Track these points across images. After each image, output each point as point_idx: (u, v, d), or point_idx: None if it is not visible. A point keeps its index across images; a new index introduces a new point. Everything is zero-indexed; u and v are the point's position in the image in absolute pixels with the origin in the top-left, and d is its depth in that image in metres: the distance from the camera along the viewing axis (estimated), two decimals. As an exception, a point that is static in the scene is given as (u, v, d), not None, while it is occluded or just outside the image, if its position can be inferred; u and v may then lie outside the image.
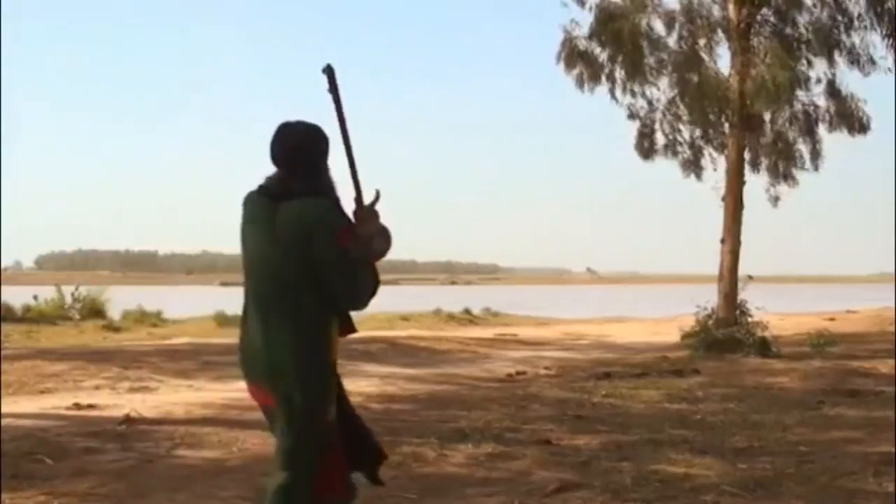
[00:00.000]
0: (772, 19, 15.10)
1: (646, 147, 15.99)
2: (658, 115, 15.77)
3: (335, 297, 3.24)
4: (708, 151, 15.95)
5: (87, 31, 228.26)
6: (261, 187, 3.32)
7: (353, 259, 3.20)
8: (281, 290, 3.24)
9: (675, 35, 15.40)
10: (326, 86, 3.28)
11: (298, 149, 3.25)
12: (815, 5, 14.84)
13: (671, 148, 15.92)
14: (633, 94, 15.65)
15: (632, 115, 15.87)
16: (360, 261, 3.22)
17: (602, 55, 15.37)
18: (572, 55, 15.35)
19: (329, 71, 3.28)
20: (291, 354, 3.22)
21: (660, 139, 15.93)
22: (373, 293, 3.32)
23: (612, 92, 15.60)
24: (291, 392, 3.21)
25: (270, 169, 3.31)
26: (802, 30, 14.94)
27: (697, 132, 15.90)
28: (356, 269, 3.21)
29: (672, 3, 15.40)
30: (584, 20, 15.33)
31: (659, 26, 15.32)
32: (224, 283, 72.41)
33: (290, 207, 3.19)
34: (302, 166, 3.25)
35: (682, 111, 15.46)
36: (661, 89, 15.59)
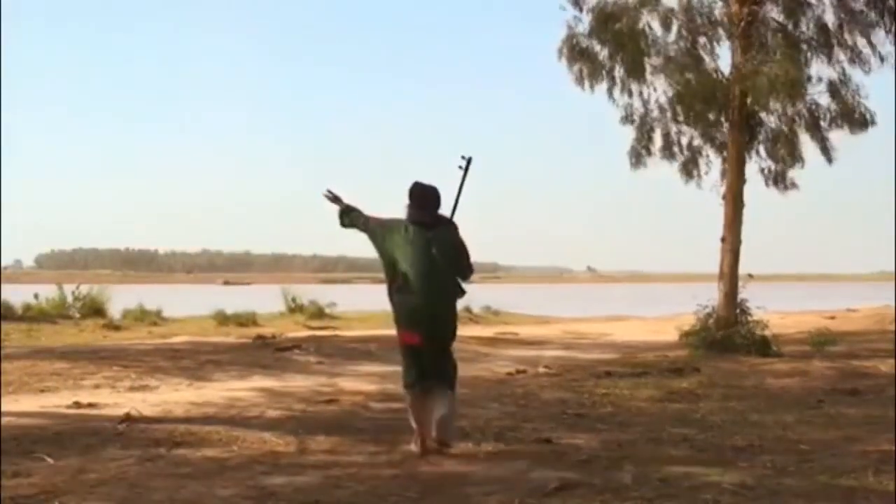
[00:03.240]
0: (774, 16, 15.08)
1: (639, 151, 15.87)
2: (656, 115, 15.70)
3: (462, 274, 5.97)
4: (706, 152, 15.91)
5: (87, 30, 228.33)
6: (413, 221, 5.86)
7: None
8: (439, 277, 5.81)
9: (675, 34, 15.37)
10: (462, 169, 6.09)
11: (437, 201, 5.96)
12: (817, 3, 14.83)
13: (668, 150, 15.82)
14: (630, 94, 15.59)
15: (627, 117, 15.75)
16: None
17: (602, 53, 15.36)
18: (573, 51, 15.34)
19: (467, 162, 6.09)
20: (448, 309, 5.95)
21: (657, 141, 15.83)
22: (472, 272, 6.14)
23: (609, 91, 15.56)
24: (448, 329, 5.95)
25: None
26: (804, 27, 14.93)
27: (696, 133, 15.84)
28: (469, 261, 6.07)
29: (671, 1, 15.39)
30: (583, 18, 15.32)
31: (658, 24, 15.29)
32: (227, 283, 72.55)
33: (442, 231, 5.90)
34: (437, 209, 5.94)
35: (681, 111, 15.39)
36: (662, 88, 15.55)
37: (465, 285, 5.98)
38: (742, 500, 4.69)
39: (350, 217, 6.14)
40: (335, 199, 6.22)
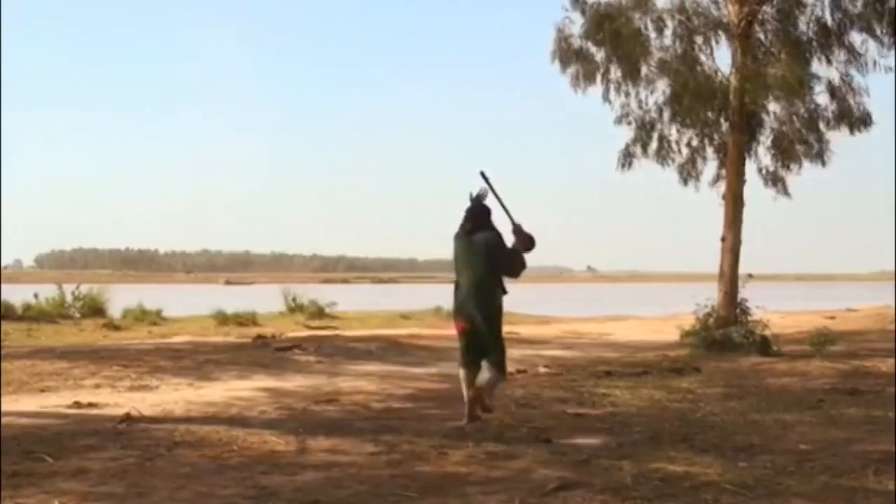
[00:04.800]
0: (773, 17, 15.08)
1: (631, 153, 15.83)
2: (653, 116, 15.68)
3: (504, 271, 7.04)
4: (703, 154, 15.90)
5: (86, 29, 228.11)
6: (460, 230, 7.07)
7: (518, 252, 7.10)
8: (481, 272, 6.91)
9: (673, 34, 15.36)
10: (488, 183, 7.06)
11: (477, 212, 7.05)
12: (815, 3, 14.83)
13: (665, 151, 15.78)
14: (627, 95, 15.56)
15: (623, 117, 15.71)
16: (520, 253, 7.12)
17: (598, 54, 15.34)
18: (567, 54, 15.32)
19: (483, 176, 7.07)
20: (485, 302, 6.93)
21: (654, 142, 15.78)
22: (524, 269, 7.18)
23: (605, 93, 15.53)
24: (492, 317, 6.95)
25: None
26: (803, 27, 14.93)
27: (694, 133, 15.82)
28: (518, 258, 7.11)
29: (670, 2, 15.38)
30: (577, 19, 15.32)
31: (655, 25, 15.28)
32: (228, 282, 72.44)
33: (480, 236, 6.98)
34: (478, 219, 7.04)
35: (678, 111, 15.37)
36: (661, 89, 15.54)
37: (508, 283, 7.11)
38: (742, 500, 4.69)
39: None
40: None
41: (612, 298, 39.91)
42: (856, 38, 14.66)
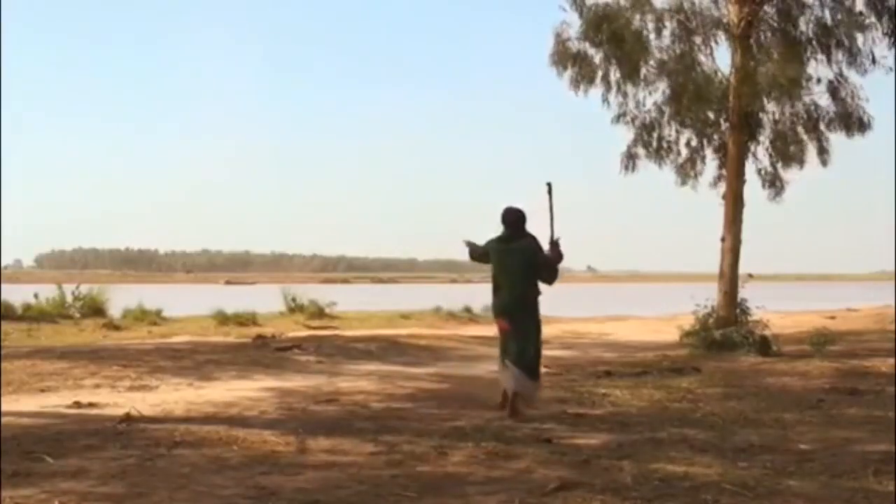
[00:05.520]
0: (772, 17, 15.08)
1: (634, 154, 15.84)
2: (653, 116, 15.67)
3: (541, 279, 7.64)
4: (702, 154, 15.90)
5: (86, 29, 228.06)
6: (501, 237, 7.71)
7: (553, 261, 7.67)
8: (519, 277, 7.60)
9: (672, 35, 15.36)
10: (550, 196, 7.64)
11: (517, 220, 7.69)
12: (815, 3, 14.83)
13: (665, 151, 15.78)
14: (626, 95, 15.55)
15: (621, 116, 15.71)
16: (555, 264, 7.70)
17: (597, 56, 15.33)
18: (565, 56, 15.31)
19: (549, 189, 7.65)
20: (525, 302, 7.63)
21: (654, 143, 15.78)
22: (556, 279, 7.77)
23: (604, 96, 15.52)
24: (529, 318, 7.62)
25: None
26: (803, 27, 14.93)
27: (693, 134, 15.82)
28: (554, 268, 7.71)
29: (668, 2, 15.37)
30: (574, 21, 15.31)
31: (654, 25, 15.27)
32: (229, 282, 72.45)
33: (520, 243, 7.65)
34: (519, 227, 7.68)
35: (678, 112, 15.37)
36: (661, 89, 15.53)
37: (543, 286, 7.70)
38: (742, 500, 4.69)
39: (476, 252, 7.99)
40: (469, 244, 8.07)
41: (612, 298, 39.89)
42: (855, 38, 14.66)
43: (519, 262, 7.55)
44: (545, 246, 7.67)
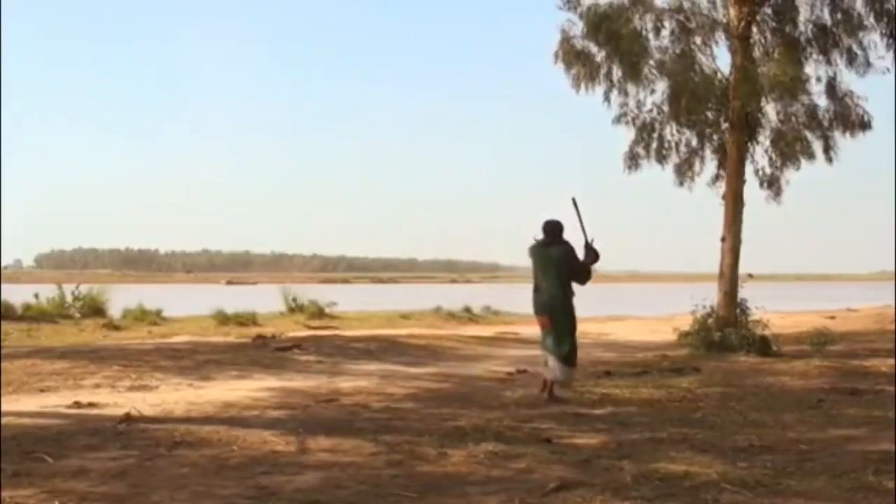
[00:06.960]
0: (772, 18, 15.07)
1: (636, 154, 15.83)
2: (654, 115, 15.66)
3: (575, 280, 8.66)
4: (701, 154, 15.89)
5: (87, 29, 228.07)
6: (540, 242, 8.66)
7: (588, 264, 8.72)
8: (556, 279, 8.58)
9: (672, 35, 15.35)
10: (576, 208, 8.62)
11: (555, 228, 8.65)
12: (814, 4, 14.83)
13: (665, 151, 15.76)
14: (627, 95, 15.55)
15: (622, 116, 15.70)
16: (592, 263, 8.73)
17: (599, 55, 15.33)
18: (569, 55, 15.31)
19: (574, 203, 8.63)
20: (562, 301, 8.62)
21: (654, 143, 15.77)
22: (590, 279, 8.81)
23: (606, 94, 15.52)
24: (566, 315, 8.63)
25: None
26: (802, 28, 14.93)
27: (693, 134, 15.80)
28: (589, 269, 8.74)
29: (668, 3, 15.37)
30: (577, 19, 15.32)
31: (653, 25, 15.27)
32: (230, 282, 72.45)
33: (556, 248, 8.61)
34: (555, 234, 8.63)
35: (678, 111, 15.35)
36: (661, 89, 15.52)
37: (577, 287, 8.71)
38: (742, 499, 4.69)
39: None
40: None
41: (611, 298, 39.88)
42: (855, 38, 14.67)
43: (556, 264, 8.56)
44: (580, 252, 8.70)
